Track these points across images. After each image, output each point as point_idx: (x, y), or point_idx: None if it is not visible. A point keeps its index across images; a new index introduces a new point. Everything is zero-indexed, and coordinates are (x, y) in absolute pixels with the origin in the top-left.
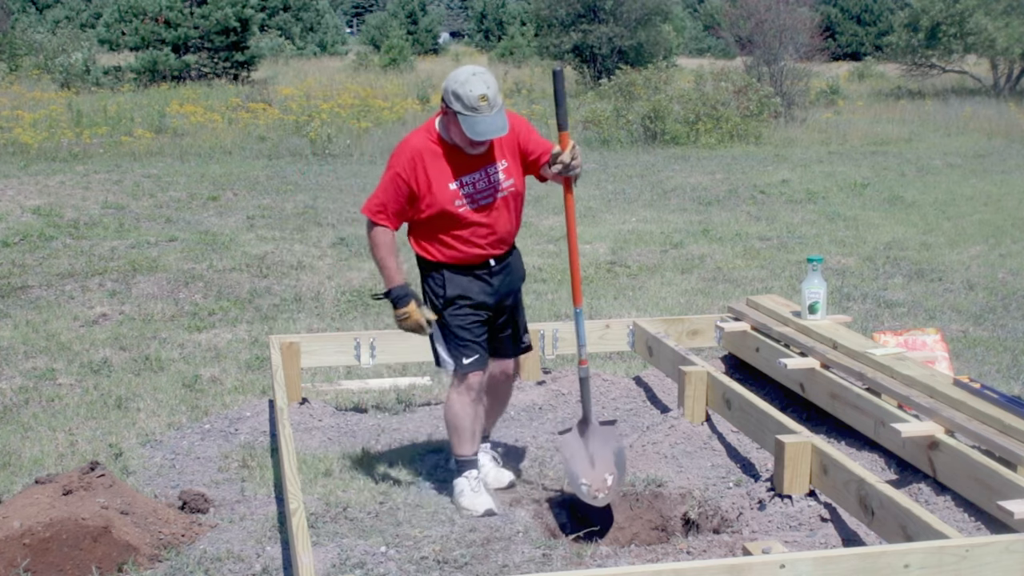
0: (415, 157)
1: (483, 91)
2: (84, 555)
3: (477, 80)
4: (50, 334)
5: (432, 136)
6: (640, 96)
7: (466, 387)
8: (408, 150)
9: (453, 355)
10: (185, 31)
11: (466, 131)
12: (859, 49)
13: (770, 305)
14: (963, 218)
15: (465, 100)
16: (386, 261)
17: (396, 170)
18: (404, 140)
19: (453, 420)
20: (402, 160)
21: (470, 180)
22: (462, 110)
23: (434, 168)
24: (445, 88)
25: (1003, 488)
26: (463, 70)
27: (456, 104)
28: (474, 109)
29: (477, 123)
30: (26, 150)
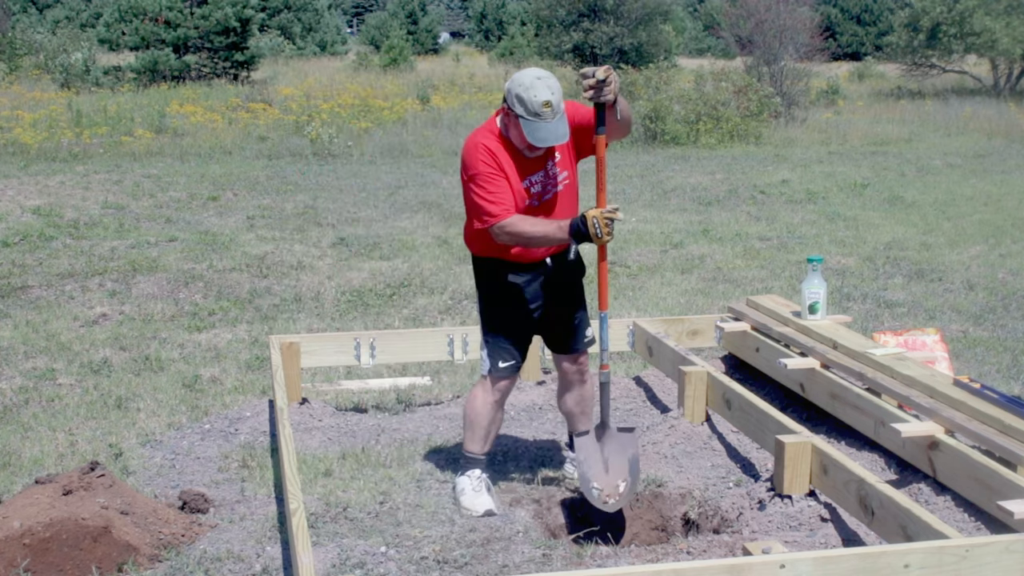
0: (490, 152)
1: (547, 97)
2: (84, 555)
3: (542, 85)
4: (50, 334)
5: (496, 134)
6: (640, 96)
7: (494, 389)
8: (481, 148)
9: (491, 356)
10: (185, 31)
11: (527, 136)
12: (859, 49)
13: (770, 305)
14: (963, 218)
15: (529, 105)
16: (541, 227)
17: (483, 168)
18: (471, 141)
19: (472, 416)
20: (480, 157)
21: (536, 179)
22: (524, 115)
23: (507, 165)
24: (508, 90)
25: (1003, 488)
26: (527, 73)
27: (519, 108)
28: (537, 115)
29: (538, 129)
30: (26, 150)
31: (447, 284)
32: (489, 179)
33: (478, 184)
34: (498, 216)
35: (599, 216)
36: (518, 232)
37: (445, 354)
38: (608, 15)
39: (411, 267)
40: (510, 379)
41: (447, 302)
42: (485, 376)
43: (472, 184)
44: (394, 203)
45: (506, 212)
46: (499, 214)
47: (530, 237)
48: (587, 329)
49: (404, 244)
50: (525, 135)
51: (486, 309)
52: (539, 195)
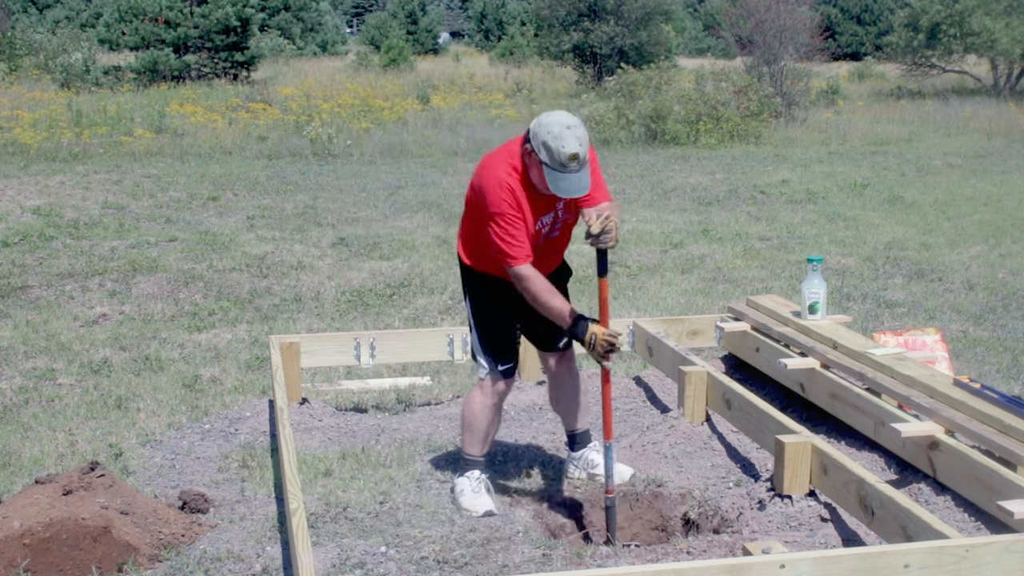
0: (512, 194)
1: (575, 150)
2: (84, 555)
3: (570, 136)
4: (50, 334)
5: (517, 171)
6: (641, 96)
7: (492, 391)
8: (506, 188)
9: (490, 358)
10: (185, 31)
11: (549, 184)
12: (859, 49)
13: (770, 305)
14: (963, 218)
15: (555, 155)
16: (549, 302)
17: (506, 210)
18: (495, 177)
19: (470, 419)
20: (504, 197)
21: (547, 220)
22: (549, 163)
23: (525, 207)
24: (535, 134)
25: (1003, 488)
26: (557, 120)
27: (543, 155)
28: (562, 166)
29: (561, 180)
30: (26, 150)
31: (447, 284)
32: (512, 222)
33: (500, 226)
34: (516, 260)
35: (600, 335)
36: (528, 289)
37: (445, 354)
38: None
39: (411, 267)
40: (508, 381)
41: (447, 302)
42: (483, 379)
43: (493, 223)
44: (394, 203)
45: (524, 259)
46: (518, 259)
47: (534, 299)
48: None
49: (404, 244)
50: (547, 184)
51: (480, 314)
52: (546, 235)
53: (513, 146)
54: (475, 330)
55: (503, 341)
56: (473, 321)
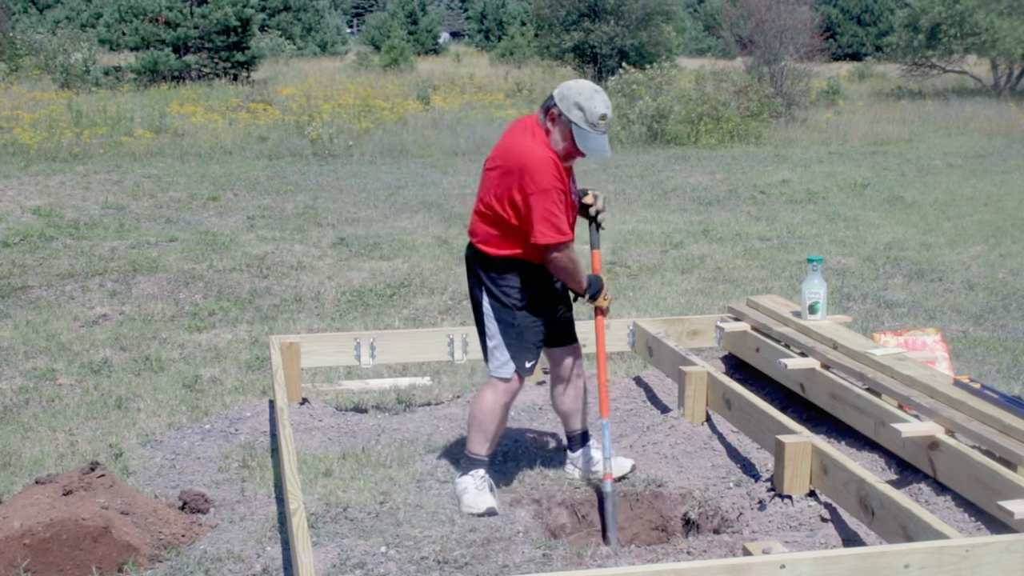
0: (558, 169)
1: (605, 110)
2: (84, 555)
3: (600, 98)
4: (50, 334)
5: (549, 147)
6: (642, 96)
7: (506, 391)
8: (552, 164)
9: (516, 357)
10: (185, 31)
11: (578, 143)
12: (859, 49)
13: (770, 305)
14: (963, 218)
15: (588, 115)
16: (580, 267)
17: (556, 185)
18: (541, 154)
19: (480, 417)
20: (553, 172)
21: (573, 188)
22: (580, 123)
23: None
24: (564, 96)
25: (1003, 488)
26: (586, 84)
27: (575, 114)
28: (593, 126)
29: (590, 139)
30: (26, 150)
31: (447, 284)
32: (561, 198)
33: (552, 200)
34: (567, 236)
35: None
36: (573, 258)
37: (445, 354)
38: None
39: (411, 267)
40: (522, 381)
41: (447, 302)
42: (498, 379)
43: (544, 198)
44: (394, 203)
45: (569, 235)
46: (567, 235)
47: (575, 268)
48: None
49: (404, 244)
50: (576, 142)
51: (507, 309)
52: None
53: (531, 127)
54: (497, 331)
55: (533, 336)
56: (498, 317)
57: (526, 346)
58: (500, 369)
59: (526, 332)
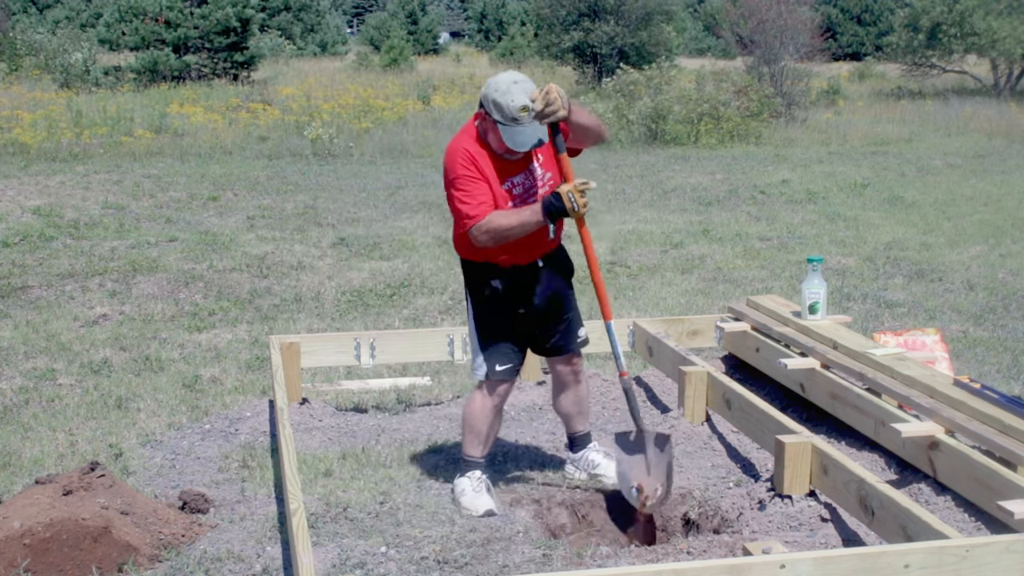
0: (470, 156)
1: (524, 102)
2: (84, 555)
3: (518, 90)
4: (50, 334)
5: (474, 138)
6: (641, 96)
7: (492, 393)
8: (461, 152)
9: (487, 361)
10: (185, 31)
11: (505, 141)
12: (859, 49)
13: (770, 305)
14: (963, 218)
15: (506, 111)
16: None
17: (461, 172)
18: (452, 146)
19: (470, 420)
20: (460, 161)
21: (518, 180)
22: (502, 120)
23: (487, 169)
24: (484, 95)
25: (1003, 488)
26: (503, 78)
27: (496, 114)
28: (514, 120)
29: (516, 134)
30: (26, 150)
31: (447, 284)
32: (468, 182)
33: (457, 188)
34: (475, 217)
35: (572, 189)
36: (495, 228)
37: (445, 354)
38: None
39: (411, 267)
40: (508, 383)
41: (447, 302)
42: (482, 381)
43: (452, 188)
44: (394, 203)
45: (483, 210)
46: (476, 215)
47: (508, 229)
48: (580, 329)
49: (404, 244)
50: (503, 139)
51: (479, 313)
52: (521, 196)
53: (469, 123)
54: (475, 331)
55: (505, 341)
56: (474, 319)
57: (497, 351)
58: (476, 370)
59: (496, 337)
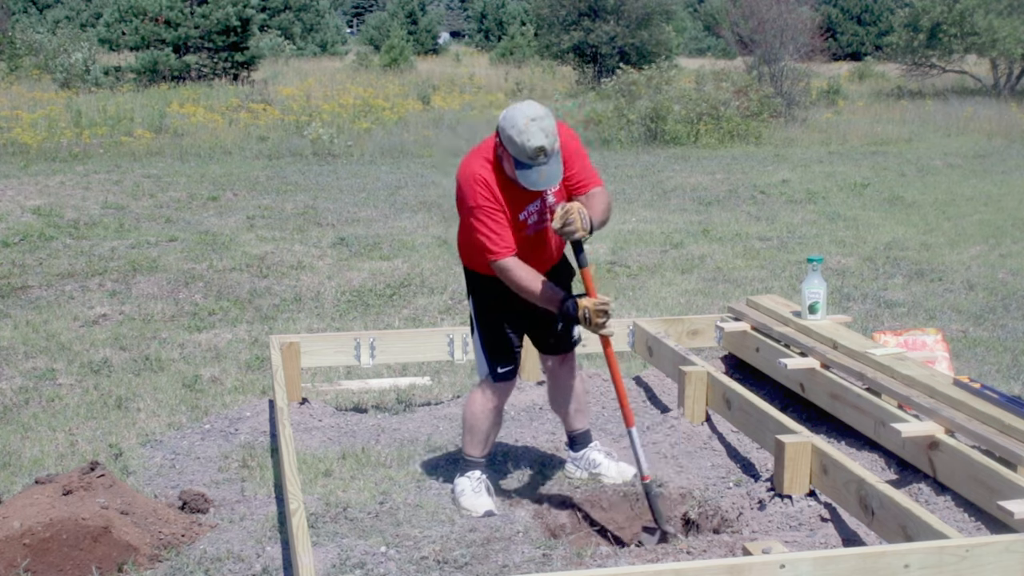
0: (487, 185)
1: (541, 143)
2: (84, 555)
3: (535, 128)
4: (50, 334)
5: (490, 163)
6: (641, 96)
7: (493, 393)
8: (479, 180)
9: (490, 362)
10: (185, 31)
11: (519, 179)
12: (859, 49)
13: (770, 305)
14: (963, 218)
15: (521, 149)
16: (534, 286)
17: (482, 202)
18: (468, 170)
19: (471, 420)
20: (478, 191)
21: (533, 209)
22: (516, 157)
23: (503, 198)
24: (501, 129)
25: (1003, 488)
26: (521, 113)
27: (511, 149)
28: (531, 159)
29: (531, 173)
30: (26, 150)
31: (447, 284)
32: (489, 214)
33: (478, 219)
34: (497, 255)
35: (591, 307)
36: (512, 279)
37: (445, 354)
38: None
39: (411, 267)
40: (509, 383)
41: (447, 302)
42: (483, 381)
43: (472, 218)
44: (394, 203)
45: (506, 252)
46: (499, 253)
47: (520, 288)
48: (574, 329)
49: (404, 244)
50: (517, 178)
51: (481, 316)
52: (535, 226)
53: (488, 140)
54: (477, 332)
55: (503, 344)
56: (476, 323)
57: (500, 352)
58: (479, 370)
59: (500, 338)
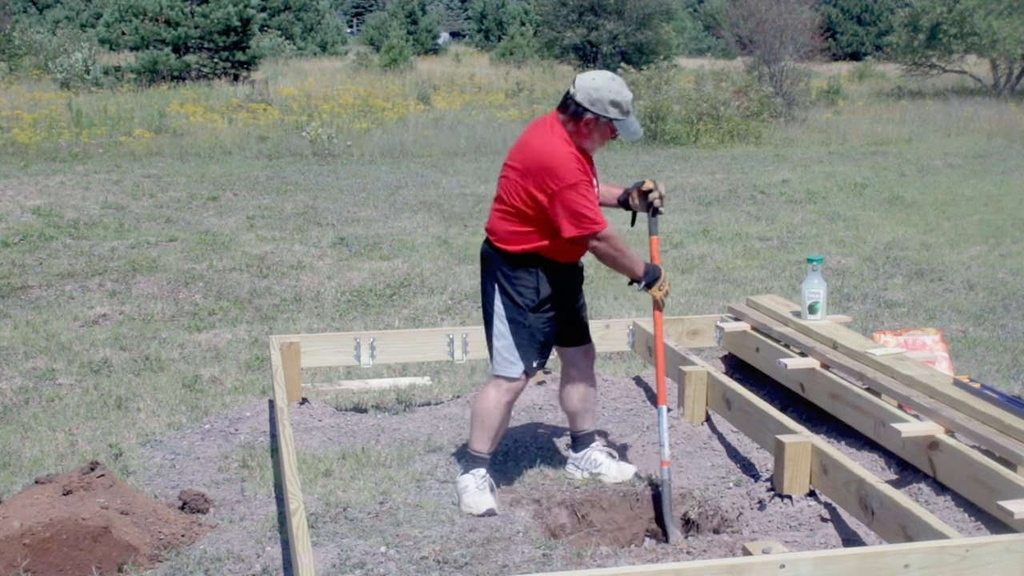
0: (581, 161)
1: (631, 94)
2: (84, 555)
3: (621, 83)
4: (50, 334)
5: (569, 143)
6: (642, 96)
7: (509, 389)
8: (571, 156)
9: (525, 357)
10: (185, 30)
11: (623, 133)
12: (859, 49)
13: (770, 305)
14: (963, 218)
15: (623, 106)
16: (629, 252)
17: (580, 177)
18: (563, 150)
19: (484, 416)
20: (576, 166)
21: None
22: (619, 116)
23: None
24: (596, 100)
25: (1003, 488)
26: (605, 80)
27: (614, 111)
28: (628, 112)
29: (630, 124)
30: (26, 150)
31: (447, 284)
32: (587, 187)
33: (580, 192)
34: (603, 224)
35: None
36: (615, 245)
37: (445, 354)
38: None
39: (411, 267)
40: (526, 380)
41: (447, 302)
42: (503, 377)
43: (571, 192)
44: (394, 203)
45: (606, 222)
46: (603, 222)
47: (621, 254)
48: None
49: (404, 244)
50: (621, 133)
51: (519, 309)
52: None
53: (551, 125)
54: (509, 328)
55: (546, 336)
56: (506, 318)
57: (536, 346)
58: (507, 368)
59: (537, 333)
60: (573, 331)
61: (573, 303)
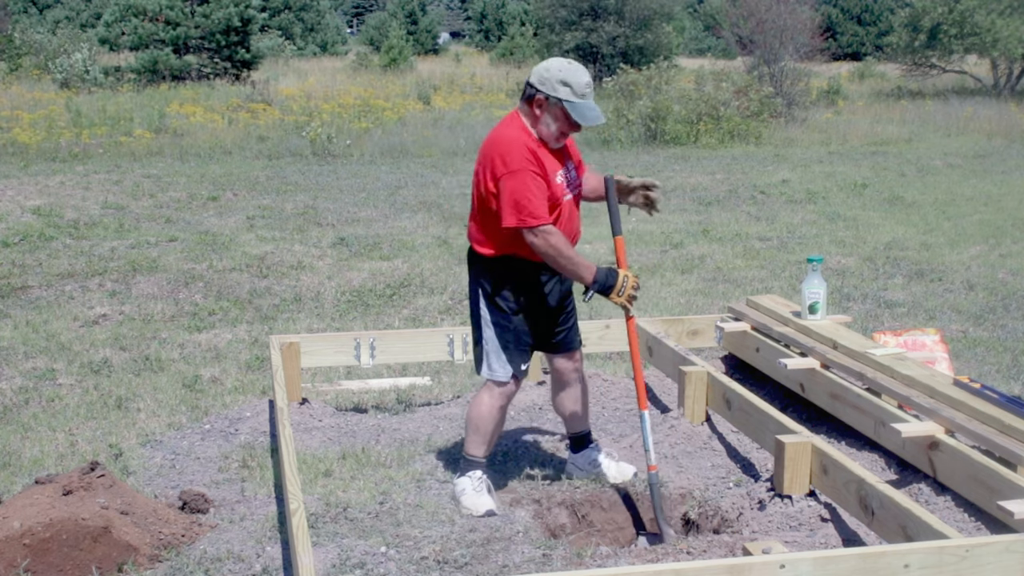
0: (530, 150)
1: (588, 78)
2: (84, 555)
3: (578, 66)
4: (50, 334)
5: (525, 132)
6: (641, 96)
7: (502, 393)
8: (519, 144)
9: (512, 361)
10: (185, 30)
11: (576, 117)
12: (859, 49)
13: (770, 305)
14: (963, 218)
15: (575, 87)
16: (572, 254)
17: (525, 165)
18: (511, 137)
19: (477, 421)
20: (522, 154)
21: (563, 175)
22: (570, 97)
23: (545, 162)
24: (546, 79)
25: (1003, 488)
26: (557, 61)
27: (564, 91)
28: (583, 96)
29: (585, 109)
30: (26, 150)
31: (447, 284)
32: (531, 177)
33: (521, 181)
34: (541, 219)
35: (631, 277)
36: (554, 244)
37: (445, 354)
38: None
39: (411, 267)
40: (519, 383)
41: (447, 302)
42: (490, 382)
43: (512, 180)
44: (394, 203)
45: (547, 216)
46: (543, 217)
47: (558, 255)
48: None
49: (404, 244)
50: (574, 117)
51: (498, 313)
52: (569, 189)
53: (512, 117)
54: (494, 332)
55: (528, 340)
56: (493, 320)
57: (521, 350)
58: (496, 373)
59: (522, 336)
60: (560, 336)
61: (560, 306)
